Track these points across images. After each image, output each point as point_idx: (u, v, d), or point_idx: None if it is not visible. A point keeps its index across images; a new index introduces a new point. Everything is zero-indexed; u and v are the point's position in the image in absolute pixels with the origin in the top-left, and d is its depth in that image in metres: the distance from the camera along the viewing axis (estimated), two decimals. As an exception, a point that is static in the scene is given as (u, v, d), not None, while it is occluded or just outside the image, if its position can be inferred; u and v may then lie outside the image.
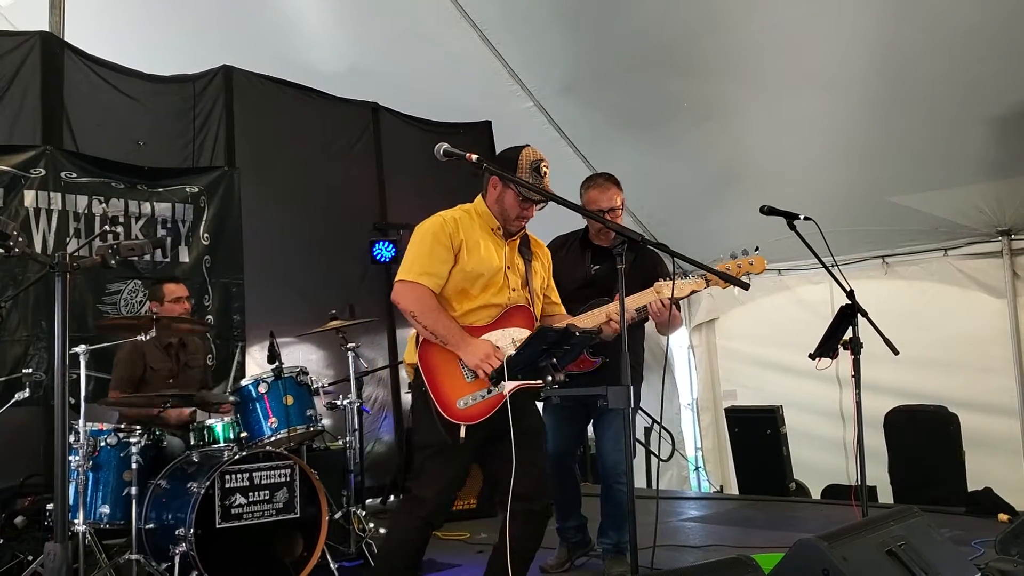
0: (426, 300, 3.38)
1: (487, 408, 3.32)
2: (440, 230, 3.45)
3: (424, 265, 3.41)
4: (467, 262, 3.44)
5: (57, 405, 2.56)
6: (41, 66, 5.91)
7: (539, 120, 8.03)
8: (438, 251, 3.42)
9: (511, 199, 3.48)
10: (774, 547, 4.66)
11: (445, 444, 3.30)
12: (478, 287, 3.47)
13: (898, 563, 2.71)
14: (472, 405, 3.32)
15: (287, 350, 6.13)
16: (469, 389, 3.33)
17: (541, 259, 3.76)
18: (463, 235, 3.46)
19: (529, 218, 3.55)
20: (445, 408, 3.32)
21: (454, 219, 3.50)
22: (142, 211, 6.17)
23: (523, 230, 3.64)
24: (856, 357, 4.16)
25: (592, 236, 4.74)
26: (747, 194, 7.28)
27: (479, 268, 3.45)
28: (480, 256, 3.47)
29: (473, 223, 3.54)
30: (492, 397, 3.32)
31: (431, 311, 3.37)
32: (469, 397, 3.32)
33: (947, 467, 6.37)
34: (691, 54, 7.02)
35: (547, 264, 3.81)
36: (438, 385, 3.35)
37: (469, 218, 3.56)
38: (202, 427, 4.83)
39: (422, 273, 3.40)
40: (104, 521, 4.48)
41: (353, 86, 7.56)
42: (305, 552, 4.60)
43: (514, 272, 3.58)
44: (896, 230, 7.62)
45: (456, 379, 3.35)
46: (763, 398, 8.16)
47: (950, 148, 6.77)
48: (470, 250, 3.46)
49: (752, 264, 3.90)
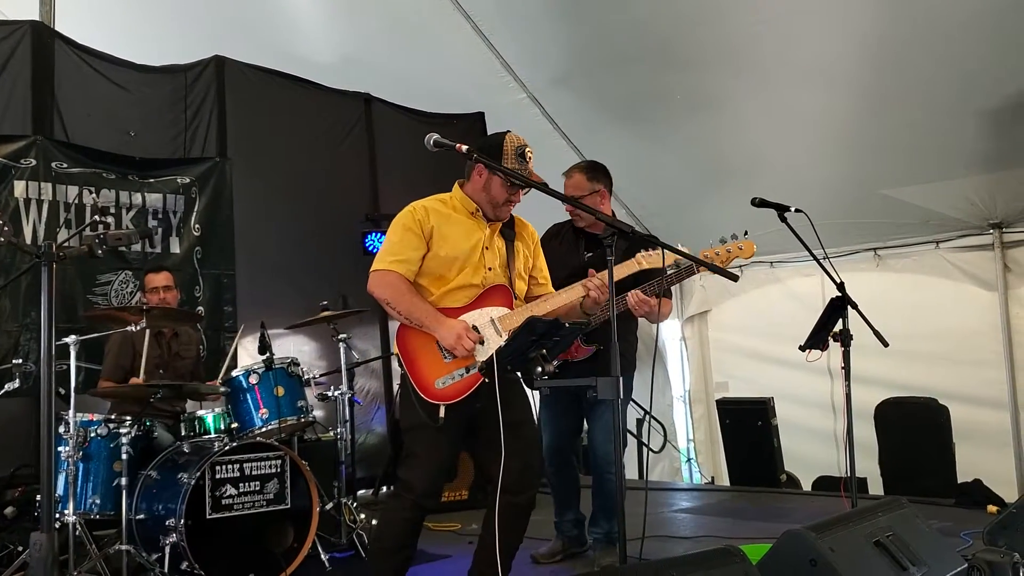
0: (398, 286, 3.44)
1: (465, 387, 3.36)
2: (410, 218, 3.51)
3: (395, 253, 3.47)
4: (440, 247, 3.49)
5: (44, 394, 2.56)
6: (32, 56, 5.89)
7: (532, 112, 8.01)
8: (408, 238, 3.48)
9: (498, 185, 3.51)
10: (764, 538, 4.66)
11: (428, 426, 3.34)
12: (454, 270, 3.50)
13: (885, 554, 2.72)
14: (450, 384, 3.37)
15: (279, 341, 6.13)
16: (447, 369, 3.38)
17: (525, 240, 3.77)
18: (433, 222, 3.50)
19: (516, 203, 3.58)
20: (423, 389, 3.37)
21: (424, 207, 3.55)
22: (133, 201, 6.15)
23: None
24: (846, 349, 4.17)
25: (585, 225, 4.73)
26: (740, 186, 7.27)
27: (453, 252, 3.49)
28: (454, 241, 3.51)
29: (447, 208, 3.58)
30: (470, 376, 3.37)
31: (404, 296, 3.43)
32: (447, 377, 3.37)
33: (937, 459, 6.39)
34: (684, 46, 7.01)
35: (532, 245, 3.81)
36: (416, 367, 3.41)
37: (444, 205, 3.59)
38: (192, 418, 4.82)
39: (393, 261, 3.46)
40: (94, 512, 4.48)
41: (346, 77, 7.53)
42: (296, 543, 4.61)
43: (492, 252, 3.59)
44: (888, 223, 7.62)
45: (434, 360, 3.40)
46: (755, 390, 8.17)
47: (942, 141, 6.77)
48: (443, 236, 3.50)
49: (742, 248, 3.90)
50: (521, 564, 4.72)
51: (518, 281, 3.65)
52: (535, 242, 3.84)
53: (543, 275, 3.86)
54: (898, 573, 2.68)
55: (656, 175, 8.20)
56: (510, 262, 3.62)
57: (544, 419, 4.87)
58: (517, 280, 3.64)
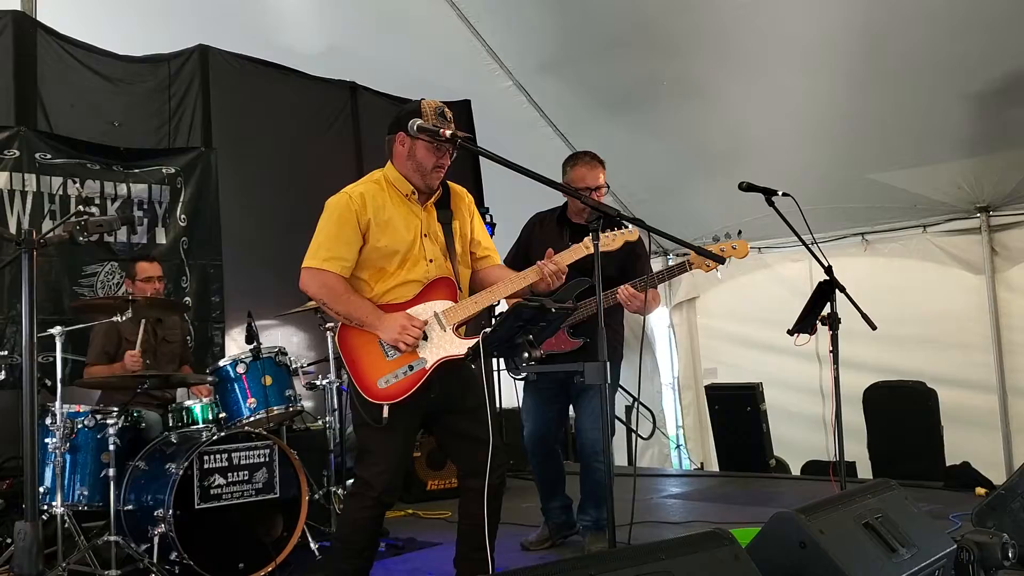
0: (333, 286, 3.31)
1: (408, 385, 3.25)
2: (345, 210, 3.34)
3: (330, 249, 3.32)
4: (379, 239, 3.34)
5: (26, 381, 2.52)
6: (14, 46, 5.84)
7: (519, 100, 8.01)
8: (344, 233, 3.32)
9: (423, 150, 3.36)
10: (754, 522, 4.67)
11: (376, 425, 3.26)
12: (394, 263, 3.37)
13: (875, 535, 2.72)
14: (393, 383, 3.25)
15: (267, 332, 6.11)
16: (389, 368, 3.27)
17: (462, 213, 3.58)
18: (371, 212, 3.34)
19: (446, 166, 3.40)
20: (366, 389, 3.26)
21: (361, 195, 3.37)
22: (118, 192, 6.11)
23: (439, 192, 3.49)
24: (834, 332, 4.17)
25: (571, 214, 4.71)
26: (726, 173, 7.26)
27: (392, 245, 3.35)
28: (392, 232, 3.36)
29: (383, 193, 3.41)
30: (413, 374, 3.26)
31: (340, 296, 3.31)
32: (390, 375, 3.26)
33: (925, 442, 6.42)
34: (671, 32, 7.01)
35: (469, 215, 3.61)
36: (358, 366, 3.30)
37: (379, 188, 3.43)
38: (180, 408, 4.80)
39: (328, 258, 3.31)
40: (82, 503, 4.44)
41: (331, 66, 7.48)
42: (285, 532, 4.58)
43: (432, 240, 3.44)
44: (875, 207, 7.65)
45: (376, 358, 3.28)
46: (743, 376, 8.20)
47: (928, 125, 6.80)
48: (381, 227, 3.35)
49: (735, 248, 3.92)
50: (510, 551, 4.74)
51: (461, 268, 3.51)
52: (471, 211, 3.64)
53: (483, 246, 3.65)
54: (887, 555, 2.68)
55: (642, 161, 8.19)
56: (451, 250, 3.47)
57: (528, 407, 4.84)
58: (461, 268, 3.49)
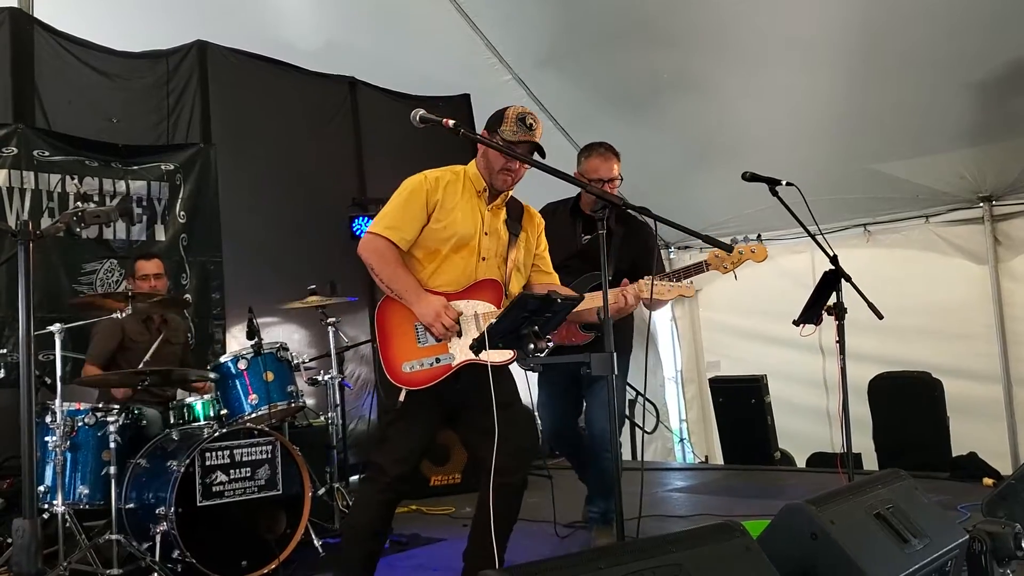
0: (385, 252, 3.36)
1: (430, 377, 3.29)
2: (419, 187, 3.43)
3: (394, 219, 3.40)
4: (440, 221, 3.41)
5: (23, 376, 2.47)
6: (11, 43, 5.82)
7: (518, 93, 7.95)
8: (411, 208, 3.40)
9: (494, 152, 3.41)
10: (761, 515, 4.65)
11: (401, 410, 3.31)
12: (449, 247, 3.42)
13: (886, 526, 2.68)
14: (417, 371, 3.29)
15: (268, 329, 6.08)
16: (417, 355, 3.31)
17: (530, 232, 3.67)
18: (440, 195, 3.42)
19: (516, 172, 3.45)
20: (390, 369, 3.31)
21: (436, 178, 3.46)
22: (117, 189, 6.08)
23: (509, 192, 3.55)
24: (840, 323, 4.13)
25: (583, 206, 4.67)
26: (728, 165, 7.19)
27: (452, 228, 3.41)
28: (455, 217, 3.42)
29: (458, 184, 3.49)
30: (438, 367, 3.29)
31: (389, 263, 3.35)
32: (416, 362, 3.30)
33: (931, 433, 6.38)
34: (670, 25, 6.97)
35: (537, 233, 3.71)
36: (388, 345, 3.34)
37: (456, 179, 3.50)
38: (181, 405, 4.76)
39: (388, 227, 3.38)
40: (84, 502, 4.41)
41: (330, 61, 7.46)
42: (288, 529, 4.55)
43: (493, 239, 3.51)
44: (877, 198, 7.61)
45: (407, 341, 3.33)
46: (746, 368, 8.17)
47: (930, 115, 6.76)
48: (446, 210, 3.42)
49: (754, 252, 3.91)
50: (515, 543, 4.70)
51: (515, 274, 3.56)
52: (540, 231, 3.75)
53: (546, 264, 3.77)
54: (899, 545, 2.64)
55: (643, 155, 8.10)
56: (508, 254, 3.53)
57: (542, 401, 4.81)
58: (514, 273, 3.55)
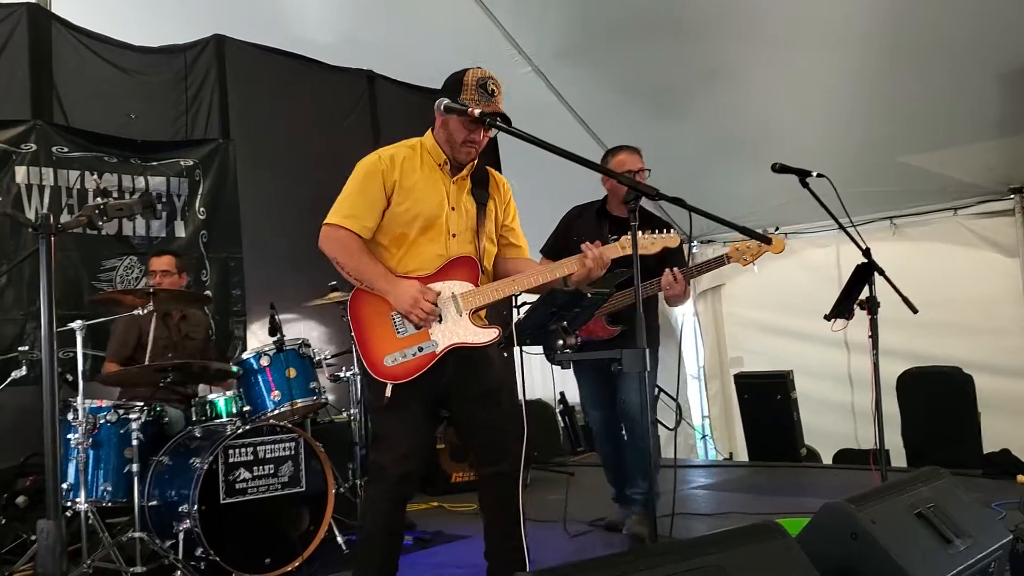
0: (348, 242, 3.18)
1: (415, 367, 3.11)
2: (373, 168, 3.23)
3: (352, 207, 3.22)
4: (401, 202, 3.22)
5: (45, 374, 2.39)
6: (29, 39, 5.79)
7: (538, 85, 7.87)
8: (368, 192, 3.22)
9: (455, 123, 3.19)
10: (790, 512, 4.59)
11: (391, 406, 3.12)
12: (415, 229, 3.22)
13: (928, 525, 2.60)
14: (400, 363, 3.11)
15: (288, 325, 6.01)
16: (398, 346, 3.13)
17: (496, 199, 3.44)
18: (398, 174, 3.22)
19: (479, 143, 3.24)
20: (371, 365, 3.13)
21: (391, 156, 3.26)
22: (136, 185, 6.05)
23: (474, 163, 3.34)
24: (873, 317, 4.05)
25: (610, 207, 4.68)
26: (751, 157, 7.12)
27: (415, 208, 3.22)
28: (417, 196, 3.23)
29: (415, 159, 3.29)
30: (422, 356, 3.12)
31: (354, 254, 3.18)
32: (398, 354, 3.12)
33: (963, 429, 6.25)
34: (693, 14, 6.86)
35: (504, 201, 3.48)
36: (366, 340, 3.17)
37: (413, 153, 3.30)
38: (204, 402, 4.73)
39: (347, 216, 3.20)
40: (106, 499, 4.38)
41: (347, 55, 7.39)
42: (312, 526, 4.52)
43: (460, 214, 3.29)
44: (904, 190, 7.48)
45: (386, 333, 3.15)
46: (769, 364, 8.06)
47: (959, 105, 6.63)
48: (406, 190, 3.22)
49: (772, 245, 3.98)
50: (542, 542, 4.63)
51: (487, 245, 3.35)
52: (508, 199, 3.50)
53: (515, 235, 3.51)
54: (943, 546, 2.56)
55: (664, 147, 8.00)
56: (479, 227, 3.32)
57: (586, 394, 4.90)
58: (486, 244, 3.34)
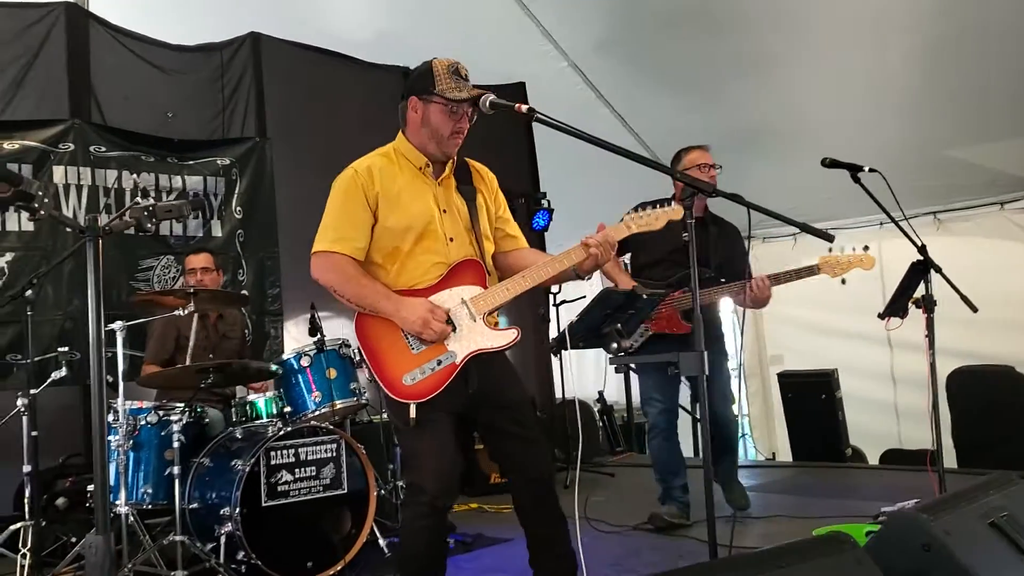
0: (343, 267, 3.00)
1: (437, 382, 2.94)
2: (352, 185, 3.04)
3: (339, 229, 3.03)
4: (388, 216, 3.03)
5: (94, 380, 2.29)
6: (66, 38, 5.81)
7: (574, 80, 7.82)
8: (352, 211, 3.02)
9: (438, 115, 3.04)
10: (843, 517, 4.50)
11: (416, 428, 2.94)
12: (409, 242, 3.04)
13: (1003, 536, 2.49)
14: (420, 380, 2.94)
15: (325, 323, 5.96)
16: (415, 362, 2.95)
17: (484, 191, 3.26)
18: (379, 186, 3.04)
19: (464, 131, 3.09)
20: (390, 386, 2.95)
21: (368, 168, 3.07)
22: (173, 184, 6.04)
23: (454, 160, 3.17)
24: (930, 315, 3.95)
25: None
26: (791, 152, 7.04)
27: (405, 220, 3.03)
28: (404, 206, 3.04)
29: (393, 167, 3.12)
30: (442, 369, 2.95)
31: (351, 279, 3.00)
32: (416, 371, 2.94)
33: (1016, 429, 6.09)
34: (731, 6, 6.78)
35: (493, 192, 3.31)
36: (380, 361, 2.98)
37: (389, 161, 3.13)
38: (244, 403, 4.69)
39: (337, 239, 3.01)
40: (147, 502, 4.34)
41: (381, 52, 7.34)
42: (353, 529, 4.46)
43: (452, 215, 3.12)
44: (948, 184, 7.34)
45: (400, 351, 2.97)
46: (810, 362, 7.92)
47: (1006, 97, 6.49)
48: (391, 201, 3.04)
49: (863, 260, 4.30)
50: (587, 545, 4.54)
51: (486, 244, 3.18)
52: (495, 189, 3.32)
53: (511, 225, 3.33)
54: (1018, 556, 2.46)
55: (701, 141, 7.93)
56: (475, 225, 3.15)
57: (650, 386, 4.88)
58: (486, 245, 3.17)
